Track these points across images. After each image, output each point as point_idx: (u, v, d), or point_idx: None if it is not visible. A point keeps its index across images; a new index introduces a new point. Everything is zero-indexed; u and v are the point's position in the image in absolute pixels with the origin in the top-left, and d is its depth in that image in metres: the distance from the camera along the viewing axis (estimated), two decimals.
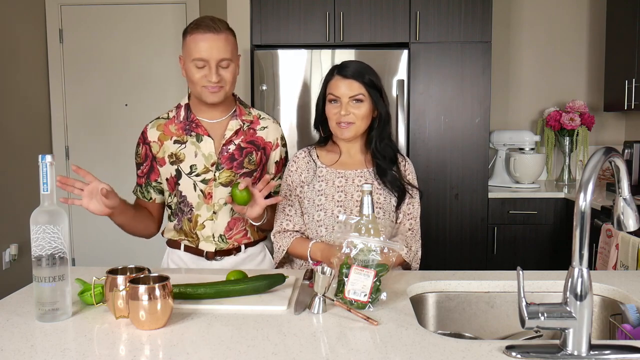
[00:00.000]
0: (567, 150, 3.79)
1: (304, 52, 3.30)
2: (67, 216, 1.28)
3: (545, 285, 1.53)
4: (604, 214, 2.89)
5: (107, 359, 1.07)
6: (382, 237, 1.36)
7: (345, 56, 3.18)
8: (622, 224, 1.18)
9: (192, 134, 1.81)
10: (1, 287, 3.24)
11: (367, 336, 1.17)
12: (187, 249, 1.86)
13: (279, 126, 1.94)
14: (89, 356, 1.08)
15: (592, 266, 2.60)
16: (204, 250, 1.83)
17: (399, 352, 1.08)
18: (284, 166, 1.91)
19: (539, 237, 3.44)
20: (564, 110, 3.76)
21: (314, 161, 1.80)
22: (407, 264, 1.75)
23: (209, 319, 1.26)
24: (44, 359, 1.06)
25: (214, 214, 1.81)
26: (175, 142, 1.81)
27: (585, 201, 1.05)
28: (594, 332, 1.50)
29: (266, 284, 1.43)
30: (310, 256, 1.68)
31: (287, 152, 1.95)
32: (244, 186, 1.63)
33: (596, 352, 1.06)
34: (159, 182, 1.86)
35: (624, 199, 1.17)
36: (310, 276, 1.54)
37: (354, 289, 1.31)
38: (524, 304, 1.06)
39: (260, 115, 1.90)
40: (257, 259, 1.90)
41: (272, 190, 1.74)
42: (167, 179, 1.83)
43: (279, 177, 1.90)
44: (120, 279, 1.26)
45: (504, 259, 3.42)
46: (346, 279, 1.33)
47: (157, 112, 1.96)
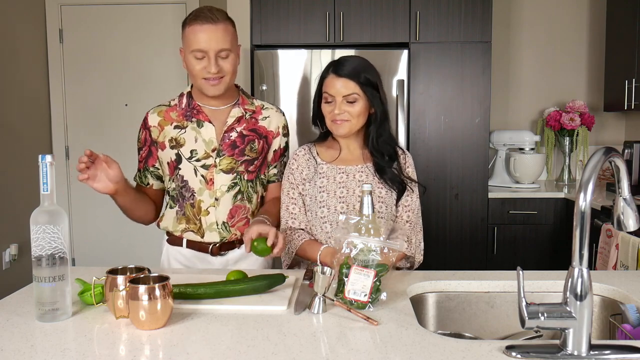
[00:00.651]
0: (567, 150, 3.78)
1: (304, 52, 3.29)
2: (67, 216, 1.27)
3: (545, 285, 1.53)
4: (604, 214, 2.89)
5: (107, 359, 1.07)
6: (382, 237, 1.36)
7: None
8: (622, 224, 1.18)
9: (193, 120, 1.81)
10: (1, 287, 3.23)
11: (367, 336, 1.17)
12: (191, 245, 1.84)
13: (283, 115, 1.94)
14: (89, 356, 1.08)
15: (592, 266, 2.60)
16: (209, 243, 1.82)
17: (399, 352, 1.08)
18: (282, 156, 1.91)
19: (539, 237, 3.44)
20: (564, 110, 3.76)
21: (314, 158, 1.80)
22: (410, 258, 1.75)
23: (209, 319, 1.26)
24: (44, 359, 1.06)
25: (216, 200, 1.81)
26: (175, 127, 1.82)
27: (585, 201, 1.05)
28: (594, 332, 1.50)
29: (266, 284, 1.43)
30: (320, 260, 1.63)
31: (287, 142, 1.94)
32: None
33: (596, 352, 1.06)
34: (157, 167, 1.86)
35: (624, 199, 1.17)
36: (310, 276, 1.54)
37: (354, 289, 1.31)
38: (524, 304, 1.06)
39: (263, 105, 1.91)
40: None
41: (268, 179, 1.84)
42: (168, 163, 1.83)
43: (275, 166, 1.90)
44: (120, 279, 1.26)
45: (504, 259, 3.42)
46: (346, 279, 1.33)
47: None
